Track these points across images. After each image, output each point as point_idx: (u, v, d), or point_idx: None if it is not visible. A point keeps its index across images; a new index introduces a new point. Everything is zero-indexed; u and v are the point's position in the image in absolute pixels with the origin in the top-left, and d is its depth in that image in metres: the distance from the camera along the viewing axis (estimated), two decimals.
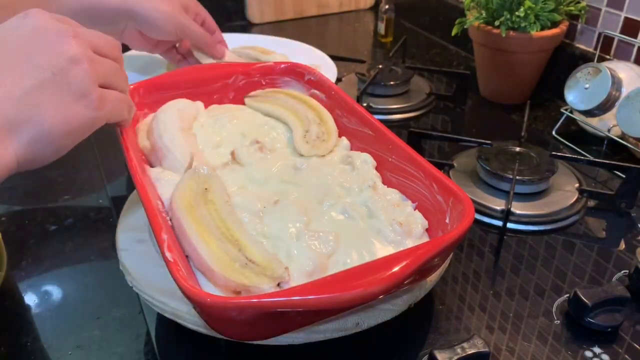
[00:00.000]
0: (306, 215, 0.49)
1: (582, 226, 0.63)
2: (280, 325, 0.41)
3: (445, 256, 0.46)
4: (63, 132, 0.41)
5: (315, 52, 0.94)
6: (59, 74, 0.40)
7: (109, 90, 0.45)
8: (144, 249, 0.50)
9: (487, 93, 0.93)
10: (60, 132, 0.41)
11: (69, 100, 0.40)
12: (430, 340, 0.49)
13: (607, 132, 0.75)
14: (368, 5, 1.39)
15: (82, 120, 0.42)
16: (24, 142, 0.39)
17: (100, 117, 0.43)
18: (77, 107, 0.41)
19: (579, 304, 0.49)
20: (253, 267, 0.42)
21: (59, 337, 0.50)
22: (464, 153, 0.74)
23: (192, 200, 0.47)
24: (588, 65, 0.77)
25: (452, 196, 0.46)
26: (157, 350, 0.48)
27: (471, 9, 0.89)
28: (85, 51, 0.42)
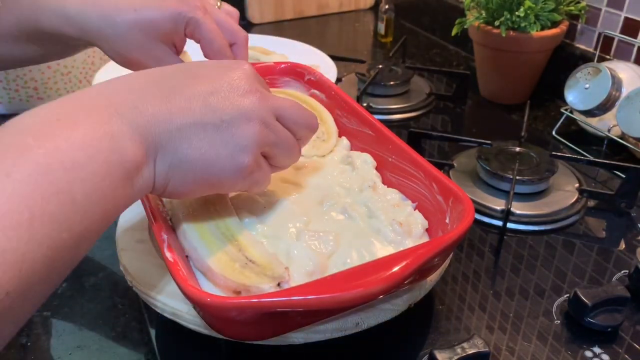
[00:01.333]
0: (306, 215, 0.49)
1: (582, 226, 0.63)
2: (280, 325, 0.40)
3: (445, 256, 0.46)
4: (201, 174, 0.38)
5: (315, 52, 0.94)
6: (226, 123, 0.38)
7: (265, 163, 0.42)
8: (144, 249, 0.50)
9: (487, 93, 0.93)
10: (198, 172, 0.38)
11: (222, 150, 0.38)
12: (430, 340, 0.49)
13: (607, 132, 0.75)
14: (368, 5, 1.39)
15: (224, 173, 0.39)
16: (165, 166, 0.37)
17: (241, 181, 0.40)
18: (226, 160, 0.38)
19: (579, 304, 0.49)
20: (253, 267, 0.42)
21: (59, 337, 0.50)
22: (464, 153, 0.74)
23: (192, 200, 0.47)
24: (588, 65, 0.77)
25: (452, 196, 0.46)
26: (157, 350, 0.48)
27: (471, 9, 0.89)
28: (262, 113, 0.40)
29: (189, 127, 0.37)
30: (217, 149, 0.38)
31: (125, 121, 0.35)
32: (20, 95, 0.87)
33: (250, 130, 0.39)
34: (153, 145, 0.36)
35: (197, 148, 0.37)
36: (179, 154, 0.37)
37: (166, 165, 0.37)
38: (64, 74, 0.88)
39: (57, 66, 0.87)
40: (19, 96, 0.87)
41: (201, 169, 0.38)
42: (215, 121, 0.38)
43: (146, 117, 0.36)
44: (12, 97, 0.87)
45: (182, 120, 0.37)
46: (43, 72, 0.86)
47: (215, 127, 0.38)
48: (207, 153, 0.38)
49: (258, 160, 0.41)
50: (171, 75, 0.39)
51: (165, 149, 0.37)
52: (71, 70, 0.89)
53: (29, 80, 0.86)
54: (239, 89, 0.39)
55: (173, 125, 0.37)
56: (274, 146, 0.42)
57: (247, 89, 0.40)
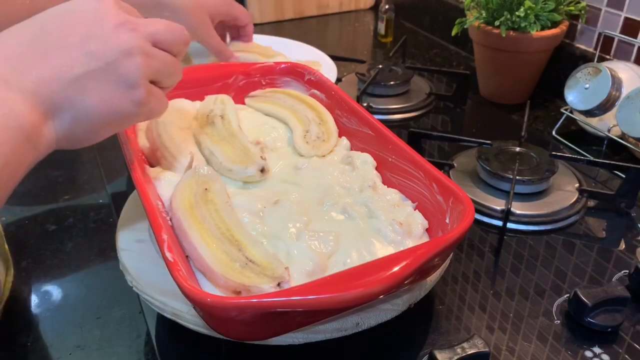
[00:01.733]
0: (306, 215, 0.49)
1: (582, 226, 0.63)
2: (280, 325, 0.40)
3: (445, 256, 0.46)
4: (104, 120, 0.41)
5: (315, 52, 0.94)
6: (111, 65, 0.40)
7: (156, 89, 0.44)
8: (144, 249, 0.50)
9: (487, 93, 0.93)
10: (101, 119, 0.41)
11: (115, 91, 0.40)
12: (430, 340, 0.49)
13: (607, 132, 0.75)
14: (368, 5, 1.39)
15: (124, 113, 0.42)
16: (65, 124, 0.39)
17: (141, 113, 0.43)
18: (122, 100, 0.41)
19: (579, 304, 0.49)
20: (253, 267, 0.42)
21: (59, 337, 0.50)
22: (464, 153, 0.74)
23: (192, 200, 0.47)
24: (588, 65, 0.77)
25: (452, 196, 0.46)
26: (157, 350, 0.48)
27: (471, 9, 0.89)
28: (141, 45, 0.41)
29: (77, 79, 0.39)
30: (110, 91, 0.40)
31: (13, 87, 0.37)
32: None
33: (134, 64, 0.41)
34: (48, 104, 0.38)
35: (92, 97, 0.39)
36: (77, 107, 0.39)
37: (66, 121, 0.39)
38: None
39: None
40: None
41: (101, 115, 0.40)
42: (101, 65, 0.40)
43: (32, 80, 0.38)
44: None
45: (69, 75, 0.38)
46: None
47: (102, 71, 0.40)
48: (103, 98, 0.40)
49: (149, 89, 0.43)
50: (42, 29, 0.40)
51: (62, 106, 0.39)
52: None
53: None
54: (110, 25, 0.41)
55: (62, 82, 0.38)
56: (159, 72, 0.43)
57: (117, 22, 0.41)
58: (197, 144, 0.57)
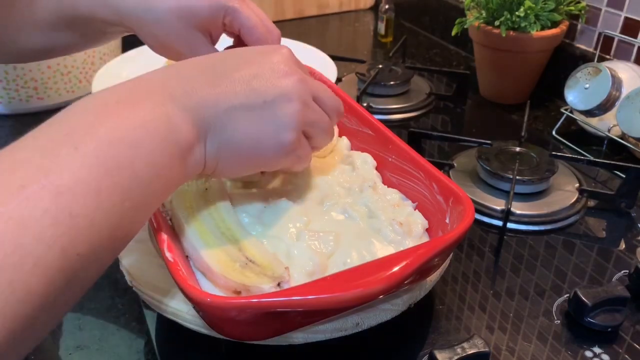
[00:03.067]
0: (306, 216, 0.49)
1: (582, 226, 0.63)
2: (280, 325, 0.40)
3: (445, 256, 0.46)
4: (248, 153, 0.41)
5: (315, 52, 0.94)
6: (269, 104, 0.40)
7: (305, 141, 0.44)
8: (144, 249, 0.50)
9: (487, 93, 0.93)
10: (245, 152, 0.41)
11: (266, 129, 0.41)
12: (430, 340, 0.49)
13: (607, 132, 0.75)
14: (368, 5, 1.39)
15: (268, 151, 0.42)
16: (214, 147, 0.40)
17: (284, 158, 0.43)
18: (270, 139, 0.41)
19: (579, 304, 0.49)
20: (253, 267, 0.42)
21: (59, 337, 0.50)
22: (464, 153, 0.74)
23: (192, 200, 0.47)
24: (588, 65, 0.77)
25: (452, 196, 0.47)
26: (157, 350, 0.48)
27: (471, 9, 0.89)
28: (302, 94, 0.42)
29: (235, 109, 0.39)
30: (261, 128, 0.40)
31: (179, 104, 0.37)
32: (20, 95, 0.87)
33: (292, 109, 0.41)
34: (203, 127, 0.39)
35: (243, 129, 0.40)
36: (227, 135, 0.40)
37: (215, 146, 0.40)
38: (63, 74, 0.88)
39: (57, 66, 0.87)
40: (19, 96, 0.87)
41: (247, 148, 0.41)
42: (259, 102, 0.40)
43: (196, 101, 0.38)
44: (12, 97, 0.87)
45: (228, 104, 0.39)
46: (43, 72, 0.86)
47: (259, 108, 0.40)
48: (253, 133, 0.40)
49: (300, 137, 0.43)
50: (217, 61, 0.42)
51: (214, 130, 0.39)
52: (71, 70, 0.89)
53: (29, 80, 0.86)
54: (279, 71, 0.41)
55: (220, 109, 0.39)
56: (313, 125, 0.44)
57: (287, 71, 0.42)
58: None
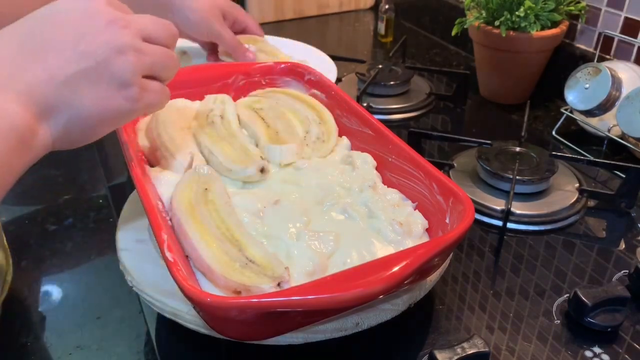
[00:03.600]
0: (306, 216, 0.49)
1: (582, 226, 0.63)
2: (280, 325, 0.40)
3: (445, 256, 0.46)
4: (99, 119, 0.41)
5: (315, 52, 0.94)
6: (102, 64, 0.40)
7: (151, 82, 0.44)
8: (144, 249, 0.50)
9: (487, 93, 0.93)
10: (96, 119, 0.41)
11: (109, 90, 0.41)
12: (430, 340, 0.49)
13: (607, 132, 0.75)
14: (368, 5, 1.39)
15: (119, 110, 0.42)
16: (61, 124, 0.39)
17: (137, 109, 0.43)
18: (116, 98, 0.41)
19: (579, 304, 0.49)
20: (253, 267, 0.42)
21: (59, 337, 0.50)
22: (464, 153, 0.74)
23: (192, 200, 0.47)
24: (588, 65, 0.77)
25: (452, 196, 0.46)
26: (157, 350, 0.48)
27: (471, 9, 0.89)
28: (132, 42, 0.41)
29: (70, 79, 0.39)
30: (103, 90, 0.40)
31: (8, 90, 0.37)
32: None
33: (126, 62, 0.41)
34: (42, 106, 0.38)
35: (86, 97, 0.40)
36: (72, 108, 0.39)
37: (62, 122, 0.39)
38: None
39: None
40: None
41: (96, 114, 0.41)
42: (92, 64, 0.40)
43: (26, 82, 0.38)
44: None
45: (61, 76, 0.39)
46: None
47: (93, 70, 0.40)
48: (97, 97, 0.40)
49: (143, 85, 0.43)
50: (31, 31, 0.40)
51: (56, 107, 0.39)
52: None
53: None
54: (99, 23, 0.41)
55: (55, 83, 0.38)
56: (152, 66, 0.43)
57: (107, 20, 0.41)
58: (197, 144, 0.57)
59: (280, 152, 0.55)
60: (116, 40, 0.40)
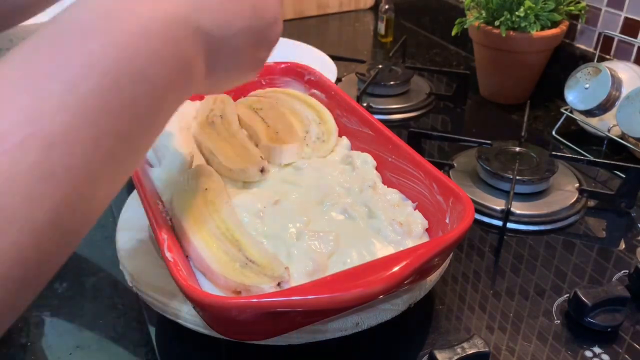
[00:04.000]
0: (306, 215, 0.49)
1: (582, 226, 0.63)
2: (280, 325, 0.40)
3: (445, 256, 0.46)
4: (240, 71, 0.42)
5: (315, 52, 0.94)
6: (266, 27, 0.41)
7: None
8: (144, 249, 0.50)
9: (487, 93, 0.93)
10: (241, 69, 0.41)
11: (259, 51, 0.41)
12: (430, 340, 0.49)
13: (607, 132, 0.75)
14: (368, 5, 1.39)
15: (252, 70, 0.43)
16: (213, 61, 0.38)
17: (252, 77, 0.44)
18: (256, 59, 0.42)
19: (579, 304, 0.49)
20: (253, 267, 0.42)
21: (59, 337, 0.50)
22: (464, 153, 0.74)
23: (192, 201, 0.47)
24: (588, 65, 0.77)
25: (452, 196, 0.46)
26: (157, 350, 0.48)
27: (471, 9, 0.89)
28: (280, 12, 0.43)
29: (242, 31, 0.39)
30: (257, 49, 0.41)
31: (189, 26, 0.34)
32: None
33: (278, 30, 0.43)
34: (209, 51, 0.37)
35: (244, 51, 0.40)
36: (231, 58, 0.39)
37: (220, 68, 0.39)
38: None
39: None
40: None
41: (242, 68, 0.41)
42: (262, 25, 0.40)
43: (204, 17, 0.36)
44: None
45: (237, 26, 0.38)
46: None
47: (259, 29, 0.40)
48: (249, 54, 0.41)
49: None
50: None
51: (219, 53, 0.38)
52: None
53: None
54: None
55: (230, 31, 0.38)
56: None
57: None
58: (197, 144, 0.57)
59: (280, 152, 0.55)
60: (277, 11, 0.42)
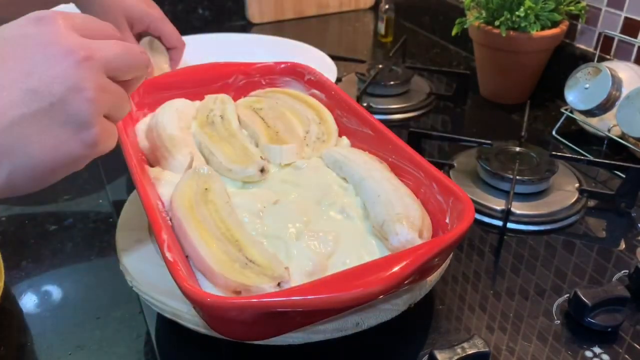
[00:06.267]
0: (306, 215, 0.49)
1: (582, 226, 0.63)
2: (280, 325, 0.40)
3: (445, 256, 0.46)
4: (50, 168, 0.36)
5: (315, 52, 0.94)
6: (57, 104, 0.34)
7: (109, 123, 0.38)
8: (144, 249, 0.50)
9: (487, 93, 0.93)
10: (46, 166, 0.35)
11: (63, 134, 0.35)
12: (430, 340, 0.49)
13: (607, 132, 0.75)
14: (368, 5, 1.39)
15: (74, 156, 0.36)
16: (4, 173, 0.34)
17: (95, 153, 0.37)
18: (71, 143, 0.35)
19: (579, 304, 0.49)
20: (253, 267, 0.42)
21: (59, 337, 0.50)
22: (464, 153, 0.74)
23: (192, 200, 0.47)
24: (588, 65, 0.77)
25: (452, 196, 0.46)
26: (157, 350, 0.48)
27: (471, 8, 0.89)
28: (91, 75, 0.35)
29: (16, 124, 0.33)
30: (57, 135, 0.35)
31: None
32: None
33: (85, 101, 0.35)
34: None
35: (34, 143, 0.34)
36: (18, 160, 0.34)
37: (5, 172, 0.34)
38: None
39: None
40: None
41: (46, 162, 0.35)
42: (45, 105, 0.34)
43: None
44: None
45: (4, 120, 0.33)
46: None
47: (46, 112, 0.34)
48: (48, 144, 0.34)
49: (103, 126, 0.37)
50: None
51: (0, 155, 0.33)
52: None
53: None
54: (54, 55, 0.34)
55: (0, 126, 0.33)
56: (112, 106, 0.38)
57: (65, 49, 0.34)
58: (197, 144, 0.57)
59: (280, 152, 0.55)
60: (75, 78, 0.34)
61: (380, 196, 0.48)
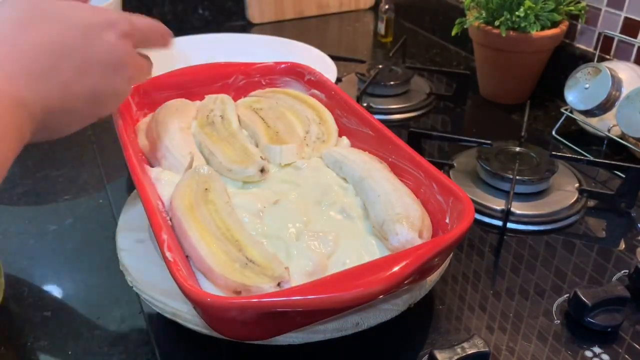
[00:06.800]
0: (306, 215, 0.49)
1: (582, 226, 0.63)
2: (280, 325, 0.41)
3: (445, 256, 0.46)
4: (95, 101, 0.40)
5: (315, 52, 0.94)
6: (104, 102, 0.40)
7: (142, 59, 0.43)
8: (144, 249, 0.50)
9: (487, 93, 0.93)
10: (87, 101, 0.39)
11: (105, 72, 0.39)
12: (430, 340, 0.49)
13: (607, 132, 0.75)
14: (368, 5, 1.39)
15: (116, 94, 0.41)
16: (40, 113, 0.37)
17: (130, 90, 0.42)
18: (114, 79, 0.40)
19: (579, 304, 0.49)
20: (253, 267, 0.42)
21: (59, 337, 0.50)
22: (464, 153, 0.74)
23: (192, 200, 0.47)
24: (588, 65, 0.77)
25: (452, 196, 0.46)
26: (157, 350, 0.48)
27: (471, 9, 0.89)
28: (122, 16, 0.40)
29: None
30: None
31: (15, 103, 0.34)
32: None
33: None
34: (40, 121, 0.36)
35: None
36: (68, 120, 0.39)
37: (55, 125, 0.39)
38: None
39: None
40: None
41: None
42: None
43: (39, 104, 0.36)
44: None
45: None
46: None
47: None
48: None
49: (137, 63, 0.42)
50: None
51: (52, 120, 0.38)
52: None
53: None
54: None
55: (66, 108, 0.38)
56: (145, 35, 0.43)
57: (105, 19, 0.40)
58: (197, 144, 0.57)
59: (280, 152, 0.55)
60: (106, 14, 0.39)
61: (380, 196, 0.48)
